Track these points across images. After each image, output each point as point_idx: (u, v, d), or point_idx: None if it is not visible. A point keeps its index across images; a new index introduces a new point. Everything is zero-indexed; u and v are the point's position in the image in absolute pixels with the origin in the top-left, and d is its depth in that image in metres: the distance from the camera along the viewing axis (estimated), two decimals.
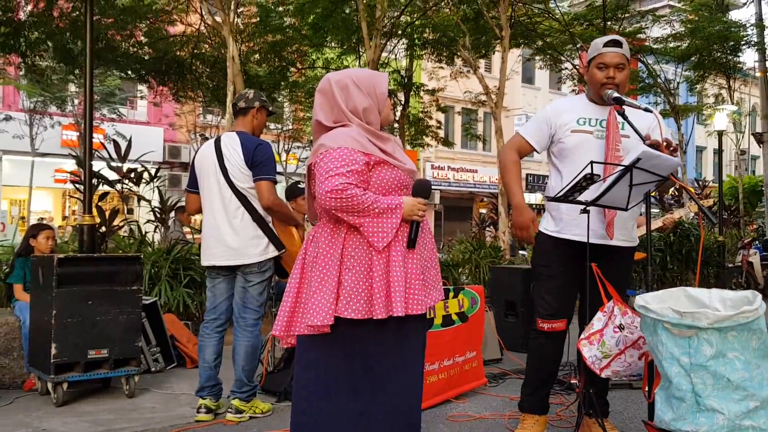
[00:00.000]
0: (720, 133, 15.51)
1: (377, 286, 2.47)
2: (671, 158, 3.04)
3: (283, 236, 4.30)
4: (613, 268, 3.40)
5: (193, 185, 4.33)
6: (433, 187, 23.26)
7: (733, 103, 18.59)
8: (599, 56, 3.43)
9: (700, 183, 21.43)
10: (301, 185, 5.79)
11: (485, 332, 5.56)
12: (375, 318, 2.46)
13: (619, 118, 3.44)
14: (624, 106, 3.31)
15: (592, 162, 2.97)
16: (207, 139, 19.46)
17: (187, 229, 8.86)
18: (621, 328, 2.96)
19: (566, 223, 3.46)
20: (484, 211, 21.66)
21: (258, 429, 3.97)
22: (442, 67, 15.49)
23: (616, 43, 3.43)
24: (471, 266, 9.23)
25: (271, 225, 4.20)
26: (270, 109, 4.40)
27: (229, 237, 4.11)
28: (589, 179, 2.97)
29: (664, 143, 3.15)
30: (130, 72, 13.46)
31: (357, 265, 2.50)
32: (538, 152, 3.66)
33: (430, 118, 17.10)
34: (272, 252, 4.18)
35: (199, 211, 4.37)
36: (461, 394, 4.71)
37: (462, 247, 9.96)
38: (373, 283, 2.47)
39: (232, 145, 4.15)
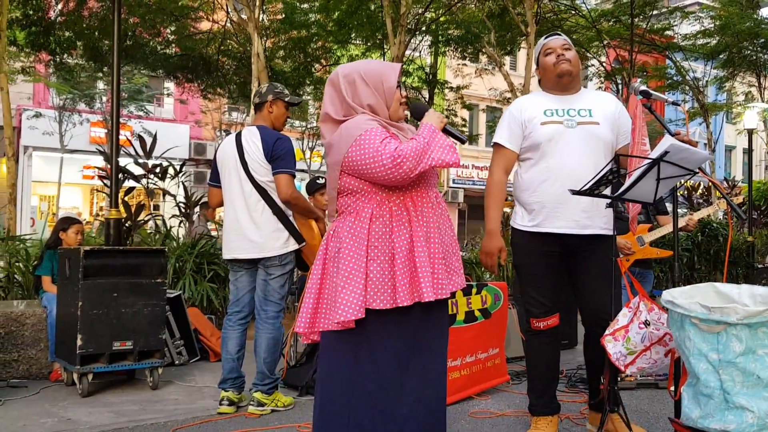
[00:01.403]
0: (750, 132, 15.27)
1: (400, 273, 2.45)
2: (700, 152, 2.98)
3: (303, 229, 4.30)
4: (598, 257, 3.37)
5: (215, 179, 4.35)
6: (457, 185, 23.25)
7: (763, 101, 18.27)
8: (543, 47, 3.49)
9: (729, 182, 21.08)
10: (320, 180, 5.78)
11: (508, 329, 5.52)
12: (400, 305, 2.45)
13: (639, 108, 3.39)
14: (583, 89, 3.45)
15: (618, 155, 2.92)
16: (226, 132, 19.61)
17: (212, 225, 8.91)
18: (647, 324, 2.91)
19: (546, 216, 3.38)
20: (507, 210, 21.53)
21: (280, 422, 3.97)
22: (465, 65, 15.41)
23: (557, 34, 3.53)
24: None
25: (291, 218, 4.20)
26: (287, 99, 4.36)
27: (249, 230, 4.12)
28: (615, 173, 2.92)
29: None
30: (158, 70, 13.58)
31: (381, 255, 2.48)
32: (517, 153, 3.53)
33: (455, 115, 17.04)
34: (293, 245, 4.18)
35: (221, 204, 4.39)
36: (483, 391, 4.67)
37: None
38: (396, 270, 2.46)
39: (252, 139, 4.16)
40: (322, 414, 2.56)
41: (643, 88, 3.34)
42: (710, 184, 17.96)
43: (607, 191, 3.16)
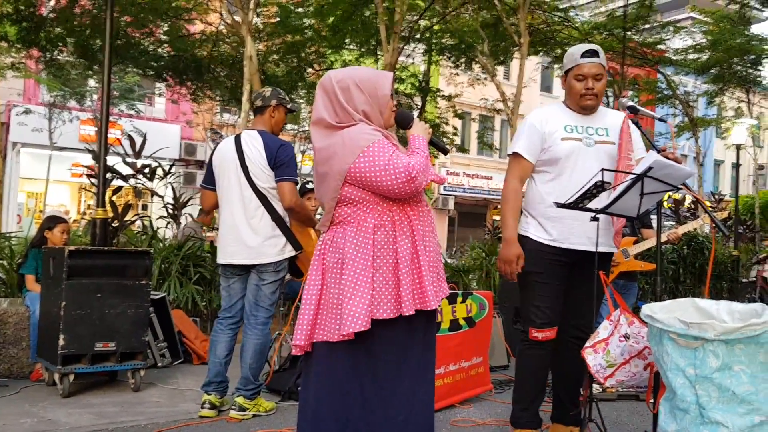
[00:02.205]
0: (738, 147, 15.40)
1: (405, 281, 2.47)
2: (684, 168, 3.02)
3: (301, 236, 4.29)
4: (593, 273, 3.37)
5: (210, 182, 4.31)
6: (447, 193, 23.27)
7: (752, 117, 18.44)
8: (577, 67, 3.37)
9: (716, 196, 21.25)
10: (309, 185, 5.78)
11: (493, 338, 5.54)
12: (405, 314, 2.45)
13: (633, 127, 3.42)
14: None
15: (603, 169, 2.95)
16: (218, 134, 19.53)
17: (210, 234, 8.87)
18: (627, 337, 2.93)
19: (561, 231, 3.40)
20: (497, 218, 21.59)
21: (261, 427, 3.96)
22: (457, 74, 15.46)
23: (594, 53, 3.36)
24: (482, 272, 9.19)
25: (289, 225, 4.19)
26: (289, 106, 4.36)
27: (248, 236, 4.10)
28: (600, 186, 2.95)
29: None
30: (148, 70, 13.54)
31: (384, 264, 2.49)
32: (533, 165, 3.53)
33: (447, 123, 17.09)
34: (289, 252, 4.18)
35: (214, 208, 4.37)
36: (466, 400, 4.68)
37: (474, 253, 9.94)
38: (401, 278, 2.47)
39: (254, 144, 4.12)
40: (315, 421, 2.53)
41: (631, 103, 3.38)
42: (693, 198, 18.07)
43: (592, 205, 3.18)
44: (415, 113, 14.85)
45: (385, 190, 2.46)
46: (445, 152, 2.85)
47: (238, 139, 4.21)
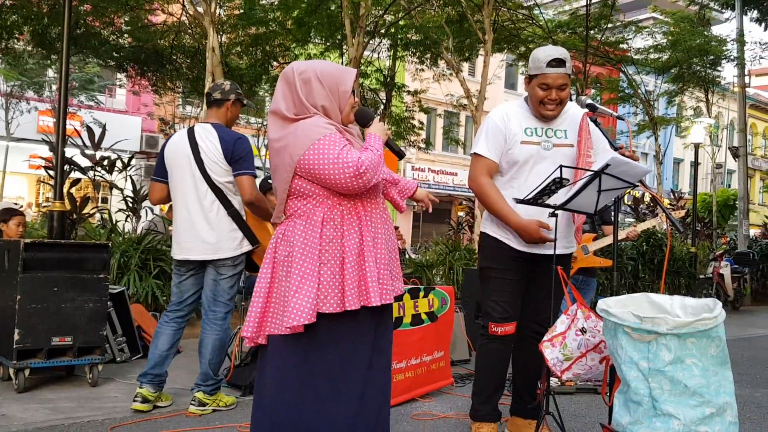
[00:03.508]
0: (696, 146, 15.71)
1: (349, 277, 2.47)
2: (640, 165, 3.07)
3: (258, 231, 4.26)
4: (553, 272, 3.41)
5: (161, 175, 4.22)
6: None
7: (710, 117, 18.83)
8: (542, 76, 3.32)
9: (676, 194, 21.67)
10: (271, 181, 5.75)
11: (455, 333, 5.58)
12: (348, 309, 2.46)
13: (592, 125, 3.46)
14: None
15: (561, 166, 2.98)
16: (170, 126, 19.25)
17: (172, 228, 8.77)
18: (583, 331, 2.98)
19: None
20: (462, 214, 21.73)
21: (221, 422, 3.94)
22: (422, 70, 15.50)
23: (560, 63, 3.30)
24: (445, 268, 9.26)
25: (245, 219, 4.16)
26: (245, 102, 4.34)
27: (204, 231, 4.05)
28: (558, 183, 2.98)
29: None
30: (108, 60, 13.29)
31: (332, 259, 2.50)
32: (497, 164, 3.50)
33: (412, 119, 17.11)
34: (246, 246, 4.14)
35: (163, 201, 4.31)
36: (427, 393, 4.71)
37: (437, 248, 10.00)
38: (345, 273, 2.47)
39: (209, 138, 4.06)
40: (269, 413, 2.55)
41: (590, 101, 3.41)
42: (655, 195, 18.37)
43: (551, 201, 3.22)
44: (381, 108, 14.87)
45: (333, 183, 2.46)
46: (400, 156, 2.85)
47: (191, 133, 4.13)
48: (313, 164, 2.45)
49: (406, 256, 11.94)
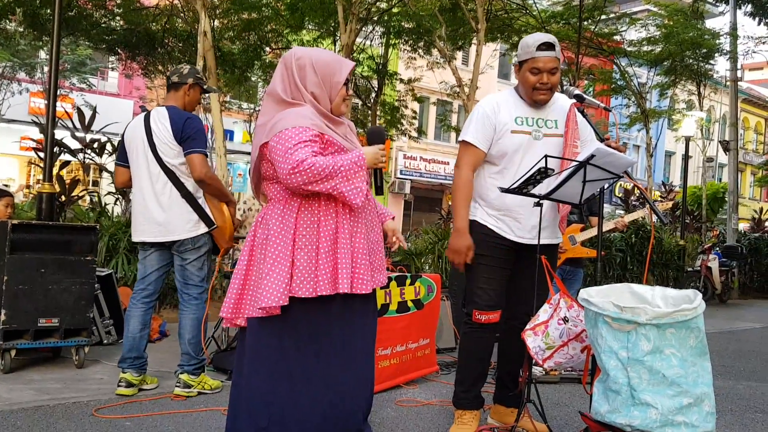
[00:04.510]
0: (687, 139, 15.76)
1: (323, 263, 2.49)
2: (625, 157, 3.09)
3: (214, 212, 4.21)
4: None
5: (123, 159, 4.24)
6: (404, 177, 23.15)
7: (702, 110, 18.87)
8: (532, 60, 3.34)
9: (667, 187, 21.75)
10: None
11: (441, 321, 5.62)
12: (320, 294, 2.48)
13: (579, 116, 3.48)
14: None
15: (546, 156, 3.00)
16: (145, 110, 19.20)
17: None
18: (565, 320, 3.01)
19: (507, 223, 3.44)
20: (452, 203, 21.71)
21: (206, 405, 3.96)
22: (414, 58, 15.45)
23: (550, 46, 3.33)
24: (434, 256, 9.29)
25: (201, 201, 4.13)
26: (205, 87, 4.32)
27: (157, 213, 4.05)
28: (543, 173, 3.00)
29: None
30: (99, 43, 13.19)
31: (308, 244, 2.52)
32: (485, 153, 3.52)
33: (405, 107, 17.07)
34: (203, 228, 4.12)
35: (127, 185, 4.33)
36: (412, 380, 4.75)
37: (426, 237, 10.03)
38: (319, 260, 2.49)
39: (161, 120, 4.07)
40: (246, 395, 2.58)
41: (577, 92, 3.42)
42: (645, 187, 18.51)
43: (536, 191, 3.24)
44: (372, 96, 14.83)
45: (279, 173, 2.48)
46: (378, 193, 2.78)
47: (147, 117, 4.14)
48: (272, 151, 2.50)
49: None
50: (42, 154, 7.30)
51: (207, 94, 5.17)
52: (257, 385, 2.56)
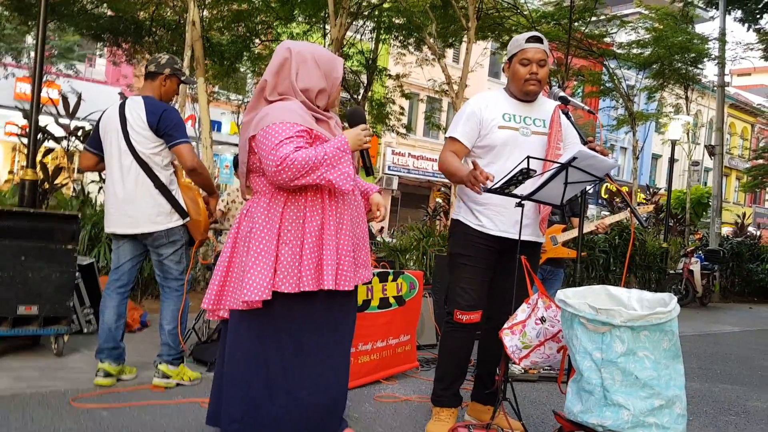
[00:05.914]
0: (673, 143, 15.88)
1: (307, 258, 2.49)
2: (607, 160, 3.11)
3: (189, 204, 4.17)
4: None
5: (93, 146, 4.19)
6: (392, 173, 23.08)
7: (689, 114, 18.99)
8: (522, 52, 3.43)
9: (651, 189, 21.90)
10: None
11: (423, 318, 5.64)
12: (304, 290, 2.49)
13: (563, 118, 3.51)
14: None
15: (528, 157, 3.02)
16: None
17: None
18: (543, 320, 3.03)
19: (489, 218, 3.46)
20: (439, 200, 21.78)
21: (184, 396, 3.96)
22: (404, 54, 15.45)
23: (538, 39, 3.43)
24: (418, 253, 9.30)
25: (174, 193, 4.08)
26: (183, 78, 4.27)
27: (127, 205, 4.01)
28: (525, 174, 3.02)
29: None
30: (85, 30, 13.07)
31: (293, 239, 2.52)
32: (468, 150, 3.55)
33: (393, 103, 17.06)
34: (176, 220, 4.08)
35: (90, 169, 4.30)
36: (392, 376, 4.77)
37: (412, 233, 10.04)
38: (304, 255, 2.50)
39: (136, 110, 4.01)
40: (226, 386, 2.59)
41: (562, 94, 3.45)
42: (631, 190, 18.62)
43: (518, 191, 3.26)
44: (361, 91, 14.80)
45: (265, 169, 2.49)
46: (369, 174, 2.81)
47: (122, 106, 4.09)
48: (259, 146, 2.50)
49: (379, 239, 11.96)
50: (26, 140, 7.25)
51: (195, 84, 5.15)
52: (236, 376, 2.57)
